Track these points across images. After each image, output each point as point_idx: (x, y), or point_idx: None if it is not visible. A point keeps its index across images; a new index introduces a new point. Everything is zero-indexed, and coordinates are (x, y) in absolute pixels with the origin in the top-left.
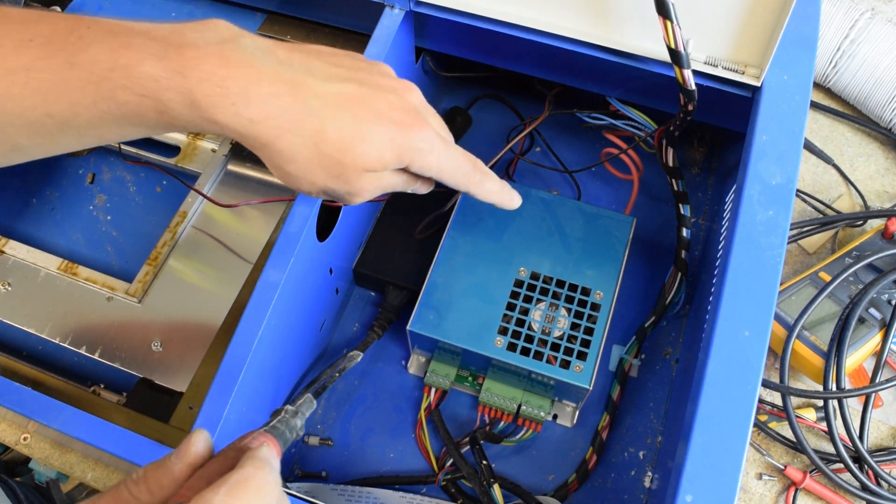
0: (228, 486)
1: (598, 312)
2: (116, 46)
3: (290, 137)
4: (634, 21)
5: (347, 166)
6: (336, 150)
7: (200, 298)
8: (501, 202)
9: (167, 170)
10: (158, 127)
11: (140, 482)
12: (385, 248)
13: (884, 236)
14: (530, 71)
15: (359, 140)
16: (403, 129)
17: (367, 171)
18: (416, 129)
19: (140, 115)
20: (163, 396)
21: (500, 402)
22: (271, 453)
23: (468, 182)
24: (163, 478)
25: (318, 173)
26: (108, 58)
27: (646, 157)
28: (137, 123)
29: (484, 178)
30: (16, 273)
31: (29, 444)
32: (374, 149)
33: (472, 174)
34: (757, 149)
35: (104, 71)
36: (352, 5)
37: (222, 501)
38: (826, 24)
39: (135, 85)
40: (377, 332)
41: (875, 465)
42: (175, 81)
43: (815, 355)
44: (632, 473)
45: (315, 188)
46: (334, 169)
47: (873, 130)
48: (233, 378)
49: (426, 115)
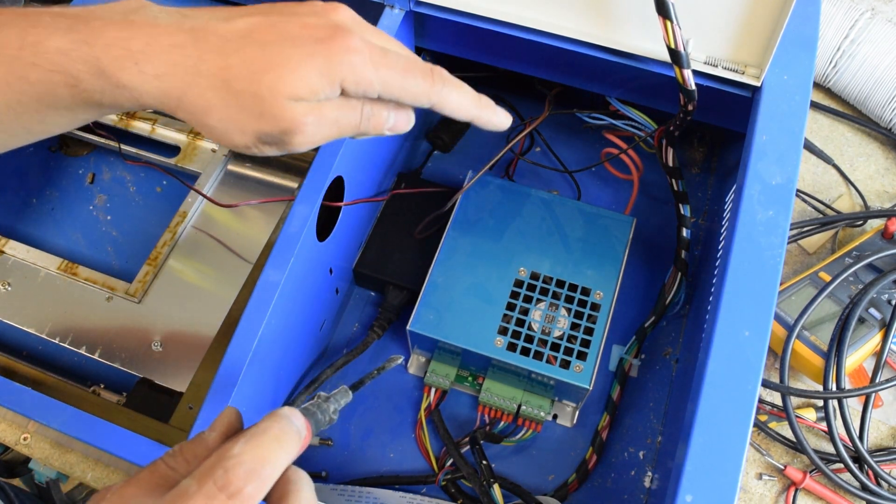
0: (248, 436)
1: (598, 312)
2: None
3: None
4: (634, 21)
5: (266, 98)
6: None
7: (200, 298)
8: (479, 117)
9: (167, 170)
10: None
11: (176, 455)
12: (385, 248)
13: (884, 236)
14: (530, 71)
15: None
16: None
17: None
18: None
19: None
20: (163, 396)
21: (500, 402)
22: (294, 414)
23: (429, 93)
24: (197, 448)
25: (241, 117)
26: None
27: (646, 157)
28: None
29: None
30: (16, 273)
31: (29, 444)
32: (290, 71)
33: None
34: (757, 149)
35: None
36: (351, 5)
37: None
38: (826, 24)
39: (43, 61)
40: (377, 332)
41: (875, 465)
42: (82, 52)
43: (815, 355)
44: (632, 473)
45: (247, 137)
46: (254, 105)
47: (873, 130)
48: (233, 378)
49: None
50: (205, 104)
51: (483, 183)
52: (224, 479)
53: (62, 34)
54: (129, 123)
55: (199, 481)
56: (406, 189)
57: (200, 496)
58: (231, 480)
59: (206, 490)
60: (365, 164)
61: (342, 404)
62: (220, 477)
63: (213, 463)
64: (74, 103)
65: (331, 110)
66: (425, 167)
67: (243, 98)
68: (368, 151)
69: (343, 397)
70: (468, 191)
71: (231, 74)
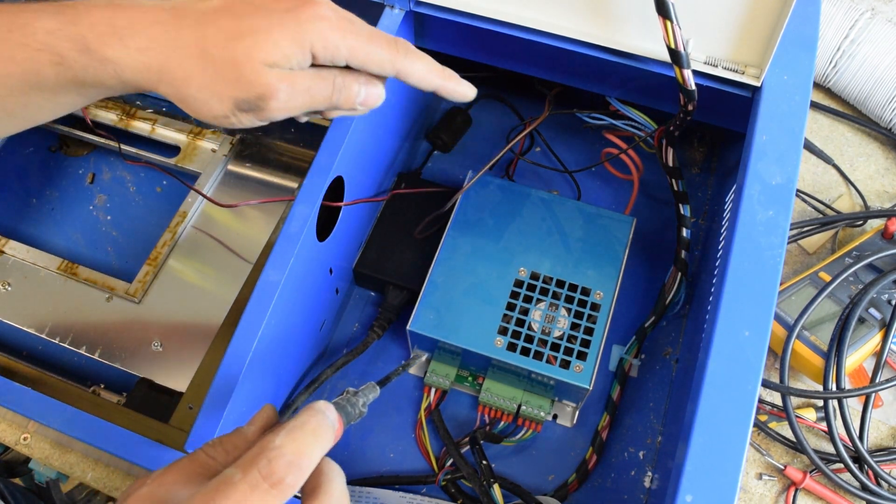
0: (287, 429)
1: (598, 312)
2: (16, 11)
3: (178, 56)
4: (634, 21)
5: (242, 63)
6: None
7: (200, 298)
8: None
9: (167, 170)
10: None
11: (216, 445)
12: (385, 248)
13: (884, 236)
14: (530, 71)
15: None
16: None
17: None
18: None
19: (37, 72)
20: (163, 396)
21: (500, 402)
22: (329, 408)
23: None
24: (237, 440)
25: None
26: (7, 20)
27: (646, 157)
28: (36, 84)
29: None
30: (16, 273)
31: (29, 444)
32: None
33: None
34: (757, 149)
35: (4, 33)
36: (351, 5)
37: (281, 441)
38: (826, 24)
39: (31, 41)
40: (377, 332)
41: (875, 465)
42: (68, 31)
43: (815, 355)
44: (632, 473)
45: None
46: (230, 71)
47: (873, 130)
48: (233, 378)
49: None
50: (184, 74)
51: (483, 183)
52: (268, 468)
53: (49, 16)
54: (129, 123)
55: (243, 470)
56: (406, 189)
57: (245, 484)
58: (274, 470)
59: (251, 478)
60: (365, 164)
61: (370, 399)
62: (263, 466)
63: (257, 453)
64: (58, 83)
65: (304, 79)
66: (425, 167)
67: (220, 65)
68: (368, 151)
69: (371, 392)
70: (468, 191)
71: (208, 44)
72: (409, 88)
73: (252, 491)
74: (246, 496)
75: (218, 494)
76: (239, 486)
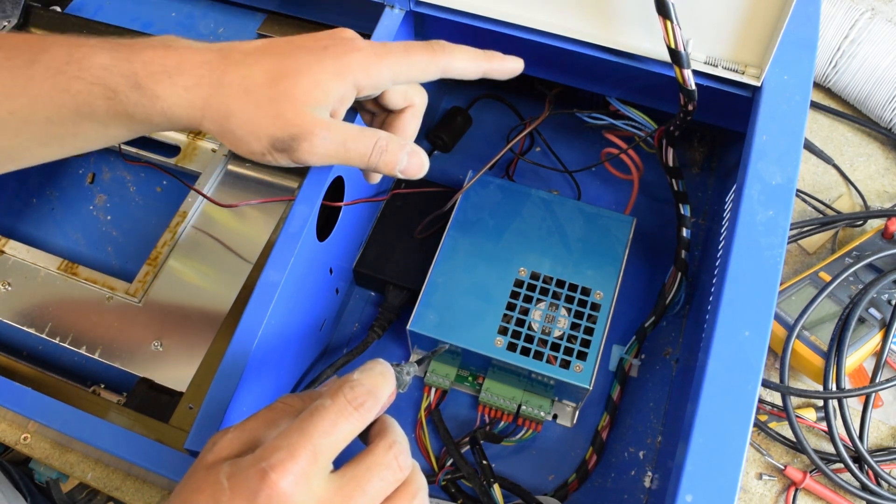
0: (360, 370)
1: (598, 312)
2: (73, 45)
3: (222, 94)
4: (634, 21)
5: (281, 102)
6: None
7: (200, 298)
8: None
9: (167, 170)
10: (108, 120)
11: (293, 396)
12: (385, 248)
13: (884, 236)
14: (530, 71)
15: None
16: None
17: (310, 107)
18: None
19: (90, 104)
20: (163, 396)
21: (500, 401)
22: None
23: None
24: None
25: (258, 121)
26: (66, 53)
27: (646, 157)
28: (88, 115)
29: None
30: (16, 273)
31: (29, 444)
32: (304, 75)
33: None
34: (757, 149)
35: (61, 65)
36: (352, 5)
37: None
38: (826, 24)
39: (87, 75)
40: (377, 332)
41: (875, 465)
42: (122, 67)
43: (815, 355)
44: (632, 473)
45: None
46: (271, 108)
47: (873, 130)
48: (233, 378)
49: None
50: (226, 111)
51: (483, 183)
52: (351, 394)
53: (106, 52)
54: None
55: (331, 397)
56: (406, 189)
57: (335, 407)
58: (356, 395)
59: (338, 403)
60: None
61: (412, 374)
62: (347, 392)
63: (340, 384)
64: (109, 116)
65: (343, 130)
66: None
67: (261, 103)
68: None
69: (413, 368)
70: (468, 191)
71: (251, 83)
72: None
73: (340, 414)
74: (336, 418)
75: (313, 418)
76: (330, 409)
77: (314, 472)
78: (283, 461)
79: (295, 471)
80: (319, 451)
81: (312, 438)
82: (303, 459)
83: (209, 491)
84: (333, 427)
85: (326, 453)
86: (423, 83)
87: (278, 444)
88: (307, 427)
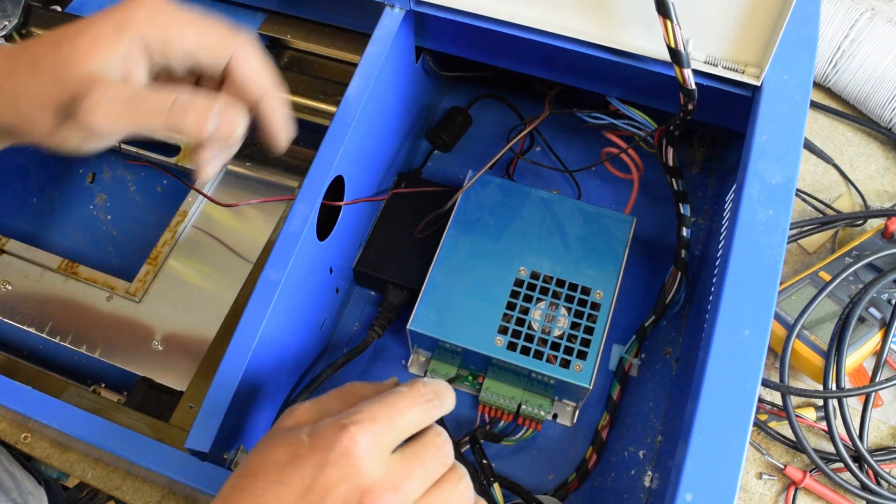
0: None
1: (598, 312)
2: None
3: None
4: (634, 21)
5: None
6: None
7: (200, 298)
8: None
9: (167, 169)
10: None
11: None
12: (385, 248)
13: (884, 236)
14: (530, 71)
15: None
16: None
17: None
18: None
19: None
20: (163, 395)
21: (500, 401)
22: None
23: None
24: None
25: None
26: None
27: (646, 156)
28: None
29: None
30: (16, 272)
31: (29, 443)
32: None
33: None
34: (757, 148)
35: None
36: (352, 5)
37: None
38: (826, 24)
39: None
40: (377, 331)
41: (875, 465)
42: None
43: (815, 355)
44: (632, 473)
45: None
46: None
47: (873, 130)
48: (233, 377)
49: None
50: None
51: (483, 182)
52: (424, 388)
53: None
54: None
55: (408, 387)
56: (406, 188)
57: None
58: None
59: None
60: (365, 164)
61: None
62: (421, 387)
63: (413, 381)
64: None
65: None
66: (425, 167)
67: (45, 72)
68: (368, 151)
69: None
70: (468, 190)
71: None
72: (408, 88)
73: (415, 401)
74: (412, 403)
75: (391, 398)
76: (407, 395)
77: (387, 443)
78: (363, 421)
79: (373, 431)
80: (394, 425)
81: (392, 412)
82: (382, 424)
83: (288, 446)
84: (409, 409)
85: (399, 430)
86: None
87: (360, 409)
88: (387, 401)
